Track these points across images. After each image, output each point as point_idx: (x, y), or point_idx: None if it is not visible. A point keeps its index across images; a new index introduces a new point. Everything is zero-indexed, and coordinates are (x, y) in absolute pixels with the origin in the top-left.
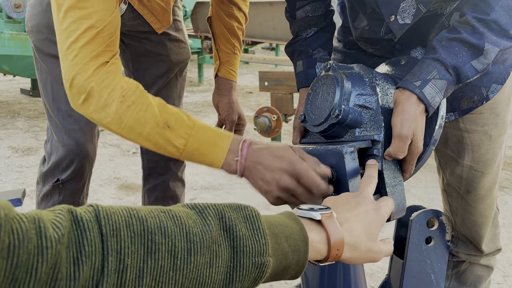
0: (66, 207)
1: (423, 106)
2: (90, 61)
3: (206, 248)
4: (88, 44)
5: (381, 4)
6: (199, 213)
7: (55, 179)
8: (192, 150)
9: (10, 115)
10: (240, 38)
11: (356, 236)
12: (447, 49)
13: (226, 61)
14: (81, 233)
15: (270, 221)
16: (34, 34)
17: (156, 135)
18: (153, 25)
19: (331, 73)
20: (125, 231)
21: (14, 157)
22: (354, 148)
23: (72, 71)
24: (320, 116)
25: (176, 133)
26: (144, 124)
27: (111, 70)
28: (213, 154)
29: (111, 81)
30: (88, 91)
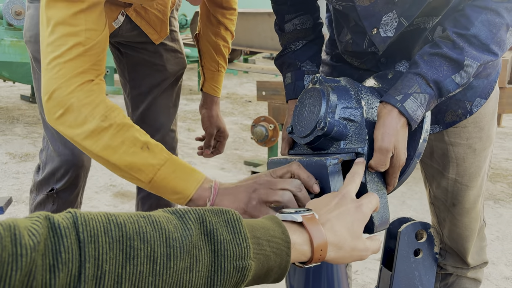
0: (43, 214)
1: (405, 119)
2: (74, 77)
3: (186, 253)
4: (74, 61)
5: (363, 17)
6: (180, 218)
7: (50, 188)
8: (168, 173)
9: (9, 121)
10: (226, 55)
11: (339, 236)
12: (428, 64)
13: (210, 78)
14: (58, 240)
15: (252, 224)
16: (32, 44)
17: (131, 154)
18: (150, 36)
19: (317, 86)
20: (103, 237)
21: (11, 163)
22: (338, 161)
23: (53, 85)
24: (306, 128)
25: (154, 155)
26: (121, 143)
27: (95, 90)
28: (187, 181)
29: (95, 98)
30: (68, 106)
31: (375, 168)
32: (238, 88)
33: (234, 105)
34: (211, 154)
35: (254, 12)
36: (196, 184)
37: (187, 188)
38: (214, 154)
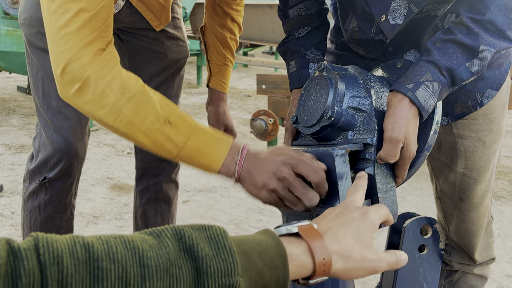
0: (4, 239)
1: (416, 109)
2: (85, 48)
3: (164, 272)
4: (81, 29)
5: (371, 3)
6: (156, 237)
7: (42, 177)
8: (192, 150)
9: (5, 112)
10: (233, 48)
11: (344, 244)
12: (441, 51)
13: (217, 72)
14: (18, 264)
15: (240, 238)
16: (26, 27)
17: (155, 131)
18: (151, 22)
19: (325, 73)
20: (68, 259)
21: (6, 154)
22: (345, 151)
23: (64, 58)
24: (312, 117)
25: (177, 130)
26: (144, 118)
27: (109, 59)
28: (212, 155)
29: (110, 70)
30: (84, 79)
31: (385, 159)
32: (237, 82)
33: (233, 99)
34: None
35: (255, 4)
36: (220, 160)
37: (212, 163)
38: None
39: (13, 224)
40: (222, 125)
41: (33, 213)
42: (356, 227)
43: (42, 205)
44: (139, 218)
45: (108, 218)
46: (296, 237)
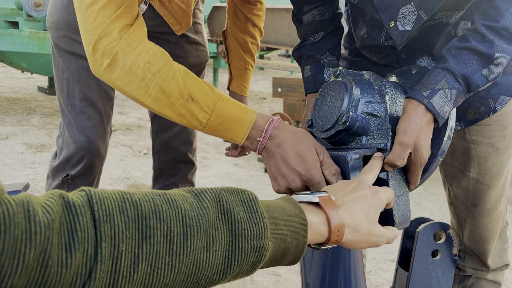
0: (57, 192)
1: (431, 115)
2: (112, 24)
3: (203, 232)
4: (107, 6)
5: (379, 10)
6: (196, 197)
7: (65, 174)
8: (215, 125)
9: (26, 111)
10: (254, 53)
11: (356, 218)
12: (456, 58)
13: (237, 76)
14: (73, 219)
15: (268, 204)
16: (54, 30)
17: (180, 106)
18: (172, 26)
19: (340, 79)
20: (118, 216)
21: (27, 153)
22: (360, 155)
23: (93, 35)
24: (327, 122)
25: (200, 107)
26: (169, 94)
27: (135, 35)
28: (236, 129)
29: (138, 45)
30: (113, 56)
31: (392, 162)
32: (253, 85)
33: (248, 102)
34: (238, 155)
35: (272, 7)
36: (245, 131)
37: (236, 137)
38: (241, 155)
39: None
40: None
41: None
42: (367, 204)
43: None
44: None
45: None
46: (316, 206)
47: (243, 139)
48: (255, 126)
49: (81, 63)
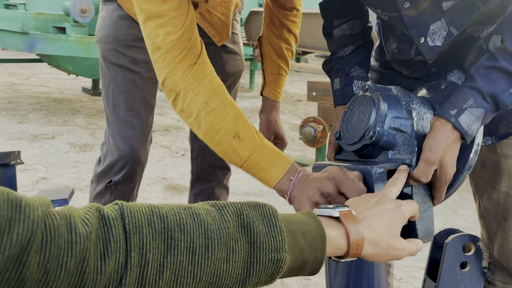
0: (95, 206)
1: (458, 133)
2: (176, 65)
3: (224, 244)
4: (171, 51)
5: (409, 26)
6: (218, 210)
7: (108, 180)
8: (253, 164)
9: (71, 112)
10: (288, 59)
11: (376, 232)
12: (484, 77)
13: (271, 81)
14: (107, 230)
15: (288, 218)
16: (102, 44)
17: (225, 142)
18: (213, 37)
19: (368, 93)
20: (147, 229)
21: (72, 153)
22: (384, 170)
23: (162, 74)
24: (354, 135)
25: (243, 145)
26: (217, 131)
27: (196, 75)
28: (271, 172)
29: (198, 85)
30: (177, 92)
31: (417, 178)
32: (289, 86)
33: (283, 103)
34: None
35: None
36: (277, 178)
37: (269, 179)
38: None
39: None
40: (273, 133)
41: None
42: (389, 218)
43: None
44: None
45: None
46: (336, 220)
47: (275, 182)
48: (288, 173)
49: (127, 75)
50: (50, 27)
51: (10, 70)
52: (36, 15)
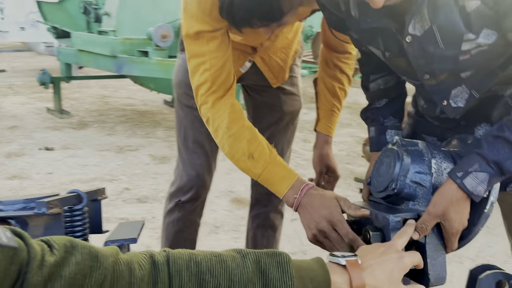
0: (148, 254)
1: (463, 193)
2: (208, 96)
3: (243, 286)
4: (205, 83)
5: (431, 92)
6: (242, 258)
7: (177, 200)
8: (265, 179)
9: (153, 124)
10: (341, 97)
11: (378, 280)
12: (491, 145)
13: (324, 117)
14: (156, 273)
15: (299, 265)
16: (177, 87)
17: (242, 162)
18: (270, 80)
19: (395, 148)
20: (185, 272)
21: (151, 164)
22: (400, 219)
23: (199, 102)
24: (381, 185)
25: (256, 164)
26: (235, 152)
27: (222, 105)
28: (279, 187)
29: (223, 113)
30: (207, 118)
31: (417, 227)
32: (359, 97)
33: (352, 115)
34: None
35: None
36: (285, 190)
37: (278, 192)
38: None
39: (153, 228)
40: (325, 166)
41: (169, 226)
42: (391, 267)
43: (175, 221)
44: (250, 239)
45: (227, 229)
46: (342, 267)
47: (282, 194)
48: (293, 187)
49: (195, 114)
50: (135, 50)
51: (102, 83)
52: (124, 40)
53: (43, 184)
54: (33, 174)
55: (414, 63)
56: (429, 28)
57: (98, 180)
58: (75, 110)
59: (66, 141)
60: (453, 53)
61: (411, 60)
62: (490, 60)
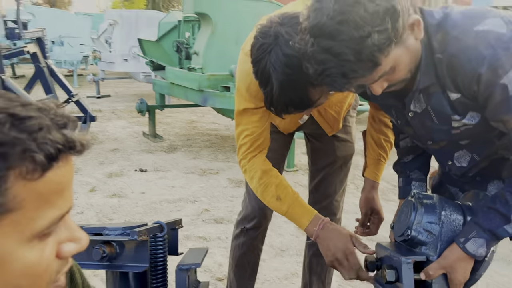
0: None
1: (466, 255)
2: (247, 154)
3: None
4: (246, 145)
5: (437, 154)
6: None
7: (243, 227)
8: (290, 215)
9: (233, 149)
10: (387, 149)
11: None
12: (485, 215)
13: (371, 165)
14: None
15: None
16: None
17: (271, 202)
18: (325, 129)
19: (413, 200)
20: None
21: (229, 188)
22: (411, 261)
23: (239, 157)
24: (399, 230)
25: (282, 204)
26: (266, 196)
27: (256, 162)
28: (301, 221)
29: (256, 167)
30: (244, 169)
31: (425, 271)
32: None
33: None
34: (364, 233)
35: None
36: (305, 224)
37: (301, 225)
38: (366, 235)
39: (225, 247)
40: (370, 208)
41: (235, 249)
42: None
43: (240, 245)
44: (306, 266)
45: (292, 253)
46: None
47: (304, 227)
48: (313, 221)
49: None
50: (218, 86)
51: (191, 108)
52: (209, 76)
53: (137, 202)
54: (129, 193)
55: (418, 132)
56: (425, 108)
57: (182, 201)
58: (166, 134)
59: (158, 164)
60: (446, 128)
61: (415, 130)
62: (482, 133)
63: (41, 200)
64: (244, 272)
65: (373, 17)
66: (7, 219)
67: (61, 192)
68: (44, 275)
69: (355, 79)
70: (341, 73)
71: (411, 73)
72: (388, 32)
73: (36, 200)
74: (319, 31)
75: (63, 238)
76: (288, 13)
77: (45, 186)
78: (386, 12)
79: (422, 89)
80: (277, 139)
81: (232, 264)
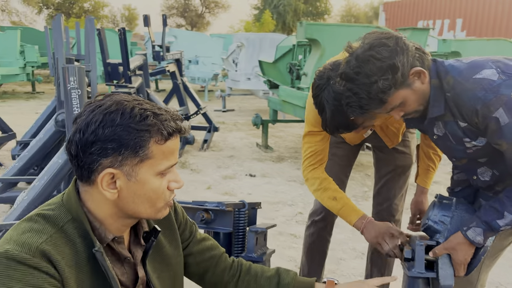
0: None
1: (467, 241)
2: (309, 166)
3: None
4: (309, 158)
5: (463, 170)
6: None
7: (313, 219)
8: (342, 214)
9: None
10: (435, 161)
11: None
12: (486, 211)
13: (422, 173)
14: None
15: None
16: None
17: (328, 202)
18: (386, 142)
19: (436, 200)
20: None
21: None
22: (423, 244)
23: (304, 167)
24: (422, 221)
25: (337, 204)
26: (324, 198)
27: (315, 172)
28: (351, 218)
29: (316, 176)
30: (306, 178)
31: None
32: None
33: None
34: (413, 230)
35: None
36: (354, 220)
37: (350, 221)
38: (414, 231)
39: None
40: (418, 209)
41: (307, 238)
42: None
43: (310, 234)
44: (368, 259)
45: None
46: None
47: (353, 223)
48: (360, 218)
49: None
50: None
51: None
52: None
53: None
54: (238, 193)
55: (443, 151)
56: (444, 132)
57: (281, 204)
58: (277, 146)
59: (266, 171)
60: (462, 148)
61: (440, 149)
62: (491, 152)
63: (163, 155)
64: (313, 257)
65: (379, 70)
66: (147, 162)
67: (172, 152)
68: (162, 195)
69: (370, 110)
70: (359, 106)
71: (423, 106)
72: (389, 80)
73: (161, 154)
74: (345, 77)
75: (172, 179)
76: (337, 61)
77: (166, 148)
78: (388, 67)
79: (435, 118)
80: (343, 148)
81: (304, 250)
